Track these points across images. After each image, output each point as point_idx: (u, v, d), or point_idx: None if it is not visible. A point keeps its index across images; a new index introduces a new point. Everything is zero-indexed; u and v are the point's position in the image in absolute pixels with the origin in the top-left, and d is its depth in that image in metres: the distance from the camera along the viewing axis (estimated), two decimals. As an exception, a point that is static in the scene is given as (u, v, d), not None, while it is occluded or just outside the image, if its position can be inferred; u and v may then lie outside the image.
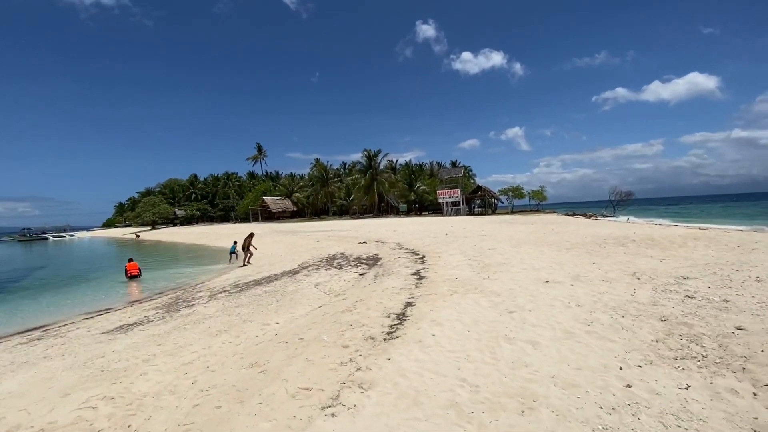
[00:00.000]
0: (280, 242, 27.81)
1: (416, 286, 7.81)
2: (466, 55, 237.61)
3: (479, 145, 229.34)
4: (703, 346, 3.86)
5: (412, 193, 59.41)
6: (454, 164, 72.43)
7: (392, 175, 60.24)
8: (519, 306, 5.82)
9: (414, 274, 9.24)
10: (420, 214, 57.49)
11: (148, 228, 79.28)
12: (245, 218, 74.39)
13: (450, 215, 46.02)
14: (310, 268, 12.98)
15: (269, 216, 69.38)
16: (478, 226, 23.94)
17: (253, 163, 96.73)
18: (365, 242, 20.09)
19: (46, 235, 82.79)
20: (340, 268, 12.27)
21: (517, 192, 48.31)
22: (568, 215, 40.02)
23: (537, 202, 49.24)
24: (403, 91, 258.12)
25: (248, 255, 16.96)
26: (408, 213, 59.32)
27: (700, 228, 16.61)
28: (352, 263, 13.04)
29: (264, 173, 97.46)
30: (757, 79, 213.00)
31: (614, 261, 9.12)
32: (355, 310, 6.63)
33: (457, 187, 47.82)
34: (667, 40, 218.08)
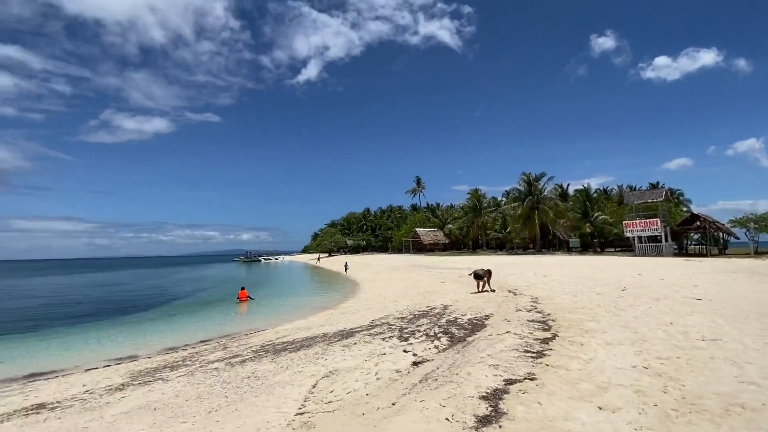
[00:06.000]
0: (406, 280, 24.73)
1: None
2: (661, 60, 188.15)
3: (692, 165, 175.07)
4: None
5: (587, 224, 47.28)
6: (653, 186, 54.96)
7: (559, 203, 49.10)
8: None
9: (488, 397, 4.16)
10: (601, 252, 44.66)
11: (326, 255, 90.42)
12: (400, 249, 75.49)
13: (644, 255, 33.41)
14: (375, 330, 9.06)
15: (421, 248, 67.93)
16: (687, 276, 14.88)
17: (412, 195, 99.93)
18: (493, 291, 14.79)
19: (260, 258, 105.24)
20: (406, 339, 7.88)
21: (763, 222, 31.49)
22: None
23: (807, 239, 30.87)
24: (576, 113, 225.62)
25: (483, 283, 15.23)
26: (584, 250, 46.56)
27: None
28: (436, 331, 8.43)
29: (426, 205, 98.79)
30: None
31: None
32: None
33: (655, 216, 34.62)
34: None
